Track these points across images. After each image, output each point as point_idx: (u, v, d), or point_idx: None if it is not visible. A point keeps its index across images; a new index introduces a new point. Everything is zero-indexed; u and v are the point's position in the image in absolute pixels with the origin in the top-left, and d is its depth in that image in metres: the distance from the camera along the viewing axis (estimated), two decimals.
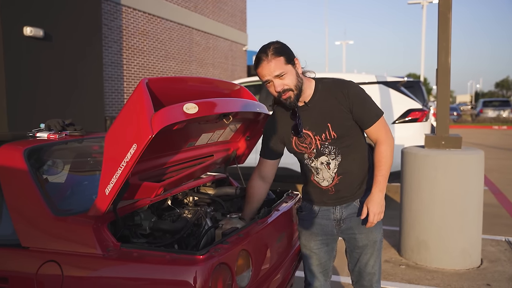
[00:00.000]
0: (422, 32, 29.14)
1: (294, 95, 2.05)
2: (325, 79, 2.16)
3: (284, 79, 2.02)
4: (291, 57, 2.03)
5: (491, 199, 6.55)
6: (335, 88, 2.09)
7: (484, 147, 13.70)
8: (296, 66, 2.05)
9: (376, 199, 2.08)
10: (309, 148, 2.15)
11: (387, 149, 2.10)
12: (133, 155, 1.72)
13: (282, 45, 2.05)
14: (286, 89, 2.03)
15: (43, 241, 1.92)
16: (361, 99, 2.09)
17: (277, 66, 2.00)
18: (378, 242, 2.24)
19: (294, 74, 2.04)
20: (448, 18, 3.95)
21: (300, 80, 2.06)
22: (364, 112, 2.09)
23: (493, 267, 3.88)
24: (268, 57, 2.01)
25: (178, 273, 1.69)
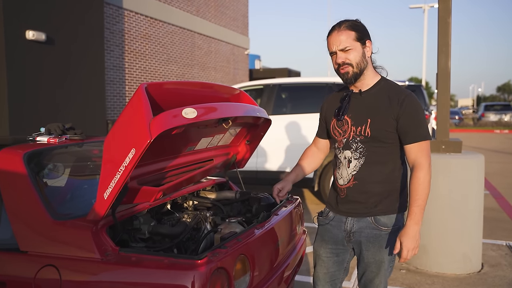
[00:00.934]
0: (424, 36, 29.18)
1: (352, 72, 1.98)
2: (392, 81, 2.08)
3: (349, 53, 1.96)
4: (364, 36, 1.98)
5: (492, 203, 6.54)
6: (394, 91, 1.99)
7: (486, 151, 13.68)
8: (365, 47, 1.99)
9: (411, 232, 1.90)
10: (342, 135, 2.08)
11: (426, 177, 1.92)
12: (132, 159, 1.73)
13: (360, 24, 1.99)
14: (346, 63, 1.98)
15: (41, 245, 1.92)
16: (413, 112, 1.96)
17: (346, 39, 1.95)
18: (385, 263, 2.07)
19: (360, 52, 1.97)
20: (448, 22, 3.95)
21: (365, 62, 1.99)
22: (411, 126, 1.95)
23: (493, 271, 3.86)
24: (341, 28, 1.97)
25: (176, 278, 1.69)
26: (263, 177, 6.29)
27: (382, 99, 1.99)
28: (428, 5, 27.52)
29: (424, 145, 1.96)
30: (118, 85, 10.94)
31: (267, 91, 6.52)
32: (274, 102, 6.41)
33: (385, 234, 2.04)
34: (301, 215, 2.86)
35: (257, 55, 23.36)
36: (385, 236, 2.04)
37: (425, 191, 1.93)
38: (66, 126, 2.69)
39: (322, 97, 6.24)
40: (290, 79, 6.84)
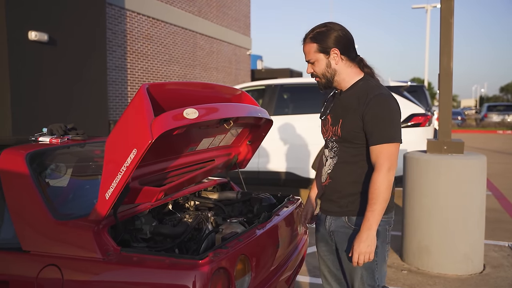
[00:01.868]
0: (426, 36, 29.12)
1: (320, 82, 2.05)
2: (375, 82, 2.05)
3: (314, 65, 2.02)
4: (327, 46, 1.96)
5: (494, 204, 6.53)
6: (365, 91, 1.97)
7: (488, 151, 13.66)
8: (330, 57, 1.98)
9: (362, 237, 1.86)
10: (325, 134, 2.13)
11: (383, 180, 1.86)
12: (133, 160, 1.74)
13: (325, 31, 1.97)
14: (314, 75, 2.05)
15: (44, 245, 1.93)
16: (379, 112, 1.91)
17: (308, 51, 2.01)
18: (359, 268, 2.00)
19: (324, 63, 2.00)
20: (450, 23, 3.95)
21: (331, 71, 2.00)
22: (374, 126, 1.90)
23: (495, 272, 3.86)
24: (305, 40, 2.02)
25: (177, 278, 1.69)
26: (265, 177, 6.29)
27: (353, 99, 1.99)
28: (431, 5, 27.47)
29: (386, 147, 1.88)
30: (120, 86, 10.96)
31: (268, 92, 6.52)
32: (276, 102, 6.42)
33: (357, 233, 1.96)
34: None
35: (259, 56, 23.38)
36: None
37: (381, 195, 1.85)
38: (68, 127, 2.70)
39: (323, 97, 6.25)
40: (292, 80, 6.84)
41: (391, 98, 1.96)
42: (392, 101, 1.95)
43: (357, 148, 2.00)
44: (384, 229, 2.01)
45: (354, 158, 2.02)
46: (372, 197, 1.87)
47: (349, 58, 2.01)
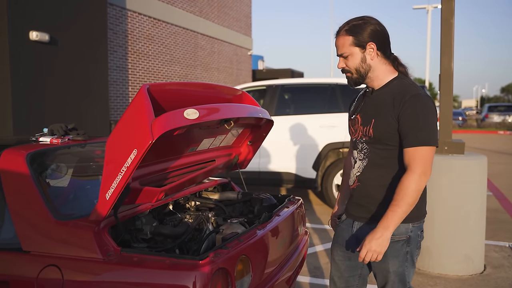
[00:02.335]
0: (427, 36, 29.10)
1: (352, 78, 1.95)
2: (408, 80, 1.95)
3: (347, 60, 1.92)
4: (363, 40, 1.87)
5: (495, 205, 6.52)
6: (402, 90, 1.87)
7: (489, 152, 13.64)
8: (366, 51, 1.89)
9: (376, 234, 1.77)
10: (353, 134, 2.04)
11: (412, 183, 1.76)
12: (134, 160, 1.74)
13: (362, 24, 1.89)
14: (345, 70, 1.95)
15: (44, 245, 1.93)
16: (415, 113, 1.81)
17: (342, 44, 1.91)
18: (392, 274, 1.93)
19: (358, 58, 1.90)
20: (451, 23, 3.95)
21: (366, 66, 1.91)
22: (409, 127, 1.81)
23: (496, 273, 3.85)
24: (340, 33, 1.92)
25: (178, 278, 1.70)
26: (266, 177, 6.29)
27: (388, 99, 1.89)
28: (432, 6, 27.43)
29: (420, 150, 1.79)
30: (121, 86, 10.96)
31: (270, 92, 6.52)
32: (277, 103, 6.42)
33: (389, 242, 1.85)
34: (303, 215, 2.87)
35: (260, 56, 23.38)
36: (389, 245, 1.85)
37: (406, 198, 1.76)
38: (68, 127, 2.70)
39: (324, 98, 6.24)
40: (293, 80, 6.84)
41: (429, 99, 1.86)
42: (430, 102, 1.85)
43: (389, 150, 1.89)
44: (416, 235, 1.93)
45: (385, 160, 1.91)
46: (397, 198, 1.78)
47: (384, 54, 1.93)
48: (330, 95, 6.21)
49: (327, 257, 4.29)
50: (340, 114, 6.03)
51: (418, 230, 1.94)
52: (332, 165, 6.04)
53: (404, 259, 1.92)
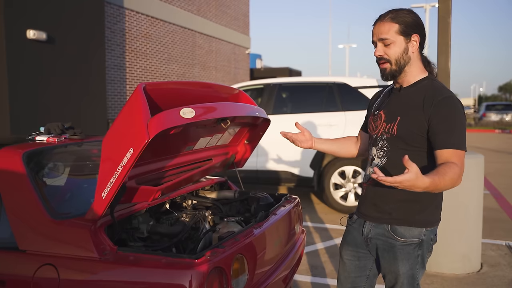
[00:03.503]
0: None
1: (389, 69, 1.86)
2: (439, 82, 1.89)
3: (389, 48, 1.84)
4: (409, 30, 1.82)
5: (492, 203, 6.54)
6: (434, 91, 1.81)
7: (487, 150, 13.67)
8: (410, 42, 1.83)
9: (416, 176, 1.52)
10: (374, 130, 1.97)
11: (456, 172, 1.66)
12: (130, 159, 1.74)
13: (410, 17, 1.83)
14: (384, 58, 1.86)
15: (40, 244, 1.93)
16: (447, 116, 1.76)
17: (387, 30, 1.82)
18: (402, 276, 1.89)
19: (402, 48, 1.83)
20: (447, 22, 3.95)
21: (407, 58, 1.84)
22: (442, 130, 1.74)
23: (493, 271, 3.87)
24: (385, 18, 1.84)
25: (174, 277, 1.70)
26: (264, 176, 6.30)
27: (418, 98, 1.82)
28: (430, 5, 27.46)
29: (456, 153, 1.72)
30: (119, 85, 10.95)
31: (267, 91, 6.52)
32: (275, 101, 6.42)
33: (401, 245, 1.86)
34: (299, 214, 2.87)
35: (258, 55, 23.37)
36: (401, 247, 1.86)
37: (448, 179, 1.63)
38: (65, 126, 2.70)
39: (322, 96, 6.25)
40: (291, 79, 6.84)
41: (460, 102, 1.80)
42: (462, 106, 1.81)
43: (411, 151, 1.80)
44: (429, 239, 1.89)
45: None
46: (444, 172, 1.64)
47: (421, 51, 1.88)
48: (328, 94, 6.22)
49: (326, 255, 4.30)
50: (337, 113, 6.04)
51: (431, 234, 1.90)
52: (329, 164, 6.05)
53: (415, 262, 1.89)
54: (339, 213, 6.00)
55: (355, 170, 5.95)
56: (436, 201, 1.88)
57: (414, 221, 1.85)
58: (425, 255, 1.92)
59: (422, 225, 1.85)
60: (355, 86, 6.14)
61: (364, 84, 6.13)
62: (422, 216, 1.85)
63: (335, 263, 4.08)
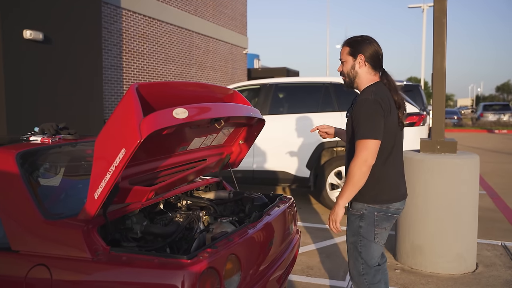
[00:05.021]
0: (423, 35, 29.17)
1: (345, 81, 2.46)
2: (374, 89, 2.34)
3: (344, 65, 2.43)
4: (356, 51, 2.36)
5: (488, 203, 6.55)
6: (361, 94, 2.35)
7: (484, 151, 13.70)
8: (357, 61, 2.36)
9: (332, 209, 2.31)
10: (348, 132, 2.42)
11: (354, 166, 2.21)
12: (122, 159, 1.73)
13: (359, 41, 2.37)
14: (342, 73, 2.46)
15: (33, 244, 1.93)
16: (356, 114, 2.27)
17: (342, 52, 2.42)
18: (348, 242, 2.45)
19: (350, 65, 2.39)
20: (443, 23, 3.96)
21: (354, 73, 2.39)
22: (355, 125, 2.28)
23: (488, 271, 3.87)
24: (344, 43, 2.43)
25: (166, 277, 1.70)
26: (260, 176, 6.30)
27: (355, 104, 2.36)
28: (427, 5, 27.51)
29: (362, 143, 2.22)
30: (116, 85, 10.94)
31: (264, 91, 6.52)
32: (271, 102, 6.41)
33: (350, 214, 2.44)
34: (294, 214, 2.87)
35: (256, 55, 23.37)
36: (349, 216, 2.45)
37: (351, 178, 2.22)
38: (59, 126, 2.70)
39: (318, 97, 6.25)
40: (287, 79, 6.84)
41: (372, 102, 2.25)
42: (372, 104, 2.24)
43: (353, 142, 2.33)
44: (371, 214, 2.35)
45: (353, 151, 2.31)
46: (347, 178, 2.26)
47: (372, 66, 2.37)
48: (324, 94, 6.21)
49: (322, 256, 4.30)
50: (334, 113, 6.04)
51: (374, 211, 2.35)
52: (326, 164, 6.05)
53: (357, 232, 2.39)
54: None
55: None
56: (378, 187, 2.34)
57: (358, 198, 2.35)
58: (370, 230, 2.36)
59: (363, 201, 2.36)
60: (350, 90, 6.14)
61: None
62: (364, 195, 2.33)
63: (331, 263, 4.08)
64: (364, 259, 2.39)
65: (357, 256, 2.41)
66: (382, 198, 2.34)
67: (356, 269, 2.43)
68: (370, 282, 2.40)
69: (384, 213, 2.35)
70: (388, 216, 2.36)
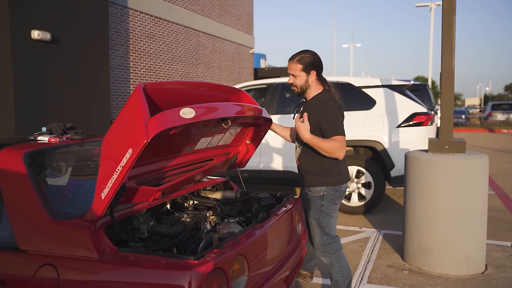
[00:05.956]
0: (430, 34, 29.02)
1: (297, 91, 2.95)
2: (328, 95, 2.91)
3: (296, 79, 2.89)
4: (308, 68, 2.85)
5: (497, 204, 6.49)
6: (320, 103, 2.85)
7: (492, 150, 13.60)
8: (309, 76, 2.87)
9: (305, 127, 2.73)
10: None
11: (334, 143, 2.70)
12: (129, 159, 1.73)
13: (310, 57, 2.86)
14: (293, 85, 2.93)
15: (40, 244, 1.93)
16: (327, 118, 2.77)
17: (295, 69, 2.87)
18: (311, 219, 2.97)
19: (304, 79, 2.89)
20: (452, 22, 3.92)
21: (307, 85, 2.90)
22: (326, 127, 2.77)
23: (498, 273, 3.83)
24: (294, 60, 2.87)
25: (173, 278, 1.69)
26: (267, 176, 6.28)
27: (313, 106, 2.86)
28: (435, 3, 27.36)
29: (337, 137, 2.73)
30: (122, 84, 10.97)
31: (270, 91, 6.50)
32: (278, 101, 6.40)
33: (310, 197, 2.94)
34: (301, 215, 2.85)
35: (262, 54, 23.36)
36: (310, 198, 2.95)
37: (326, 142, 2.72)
38: (67, 126, 2.70)
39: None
40: None
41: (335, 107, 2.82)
42: (336, 108, 2.82)
43: None
44: (330, 194, 2.90)
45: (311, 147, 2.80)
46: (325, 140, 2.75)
47: (318, 77, 2.91)
48: None
49: None
50: None
51: (331, 191, 2.90)
52: None
53: (319, 210, 2.92)
54: (342, 213, 5.98)
55: (359, 170, 5.92)
56: (332, 173, 2.90)
57: (317, 183, 2.91)
58: (329, 207, 2.92)
59: (322, 185, 2.90)
60: (359, 86, 6.11)
61: (368, 84, 6.10)
62: (323, 180, 2.90)
63: None
64: (327, 232, 2.93)
65: (321, 231, 2.93)
66: (336, 181, 2.91)
67: (321, 241, 2.94)
68: (334, 249, 2.94)
69: (338, 192, 2.92)
70: (341, 194, 2.95)
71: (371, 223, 5.53)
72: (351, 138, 5.92)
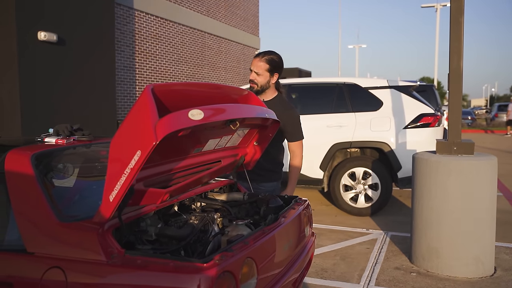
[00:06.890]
0: (436, 35, 28.89)
1: (255, 89, 3.02)
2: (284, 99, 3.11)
3: (259, 77, 2.99)
4: (274, 70, 2.98)
5: (505, 206, 6.44)
6: (285, 104, 3.05)
7: (499, 152, 13.50)
8: (272, 77, 3.00)
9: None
10: None
11: (299, 164, 3.14)
12: (137, 161, 1.71)
13: (276, 60, 2.98)
14: (254, 81, 3.01)
15: (48, 246, 1.92)
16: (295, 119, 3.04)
17: (261, 67, 2.97)
18: None
19: (266, 79, 2.99)
20: (460, 22, 3.89)
21: (267, 85, 3.02)
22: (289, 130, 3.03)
23: (507, 275, 3.79)
24: (262, 58, 2.97)
25: (182, 281, 1.67)
26: None
27: (273, 108, 2.80)
28: (441, 4, 27.24)
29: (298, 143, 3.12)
30: (128, 85, 10.98)
31: None
32: None
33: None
34: (309, 217, 2.83)
35: None
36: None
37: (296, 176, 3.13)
38: (74, 127, 2.69)
39: (332, 97, 6.20)
40: (300, 79, 6.80)
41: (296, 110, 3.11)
42: (297, 112, 3.11)
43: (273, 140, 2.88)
44: (279, 187, 3.25)
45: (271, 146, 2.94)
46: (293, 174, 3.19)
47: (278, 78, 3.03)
48: (338, 94, 6.16)
49: (336, 258, 4.26)
50: (347, 114, 5.99)
51: (279, 184, 3.25)
52: (340, 165, 6.00)
53: None
54: (349, 215, 5.95)
55: (365, 171, 5.89)
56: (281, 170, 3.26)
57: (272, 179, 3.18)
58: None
59: (275, 180, 3.21)
60: (365, 87, 6.08)
61: (374, 85, 6.07)
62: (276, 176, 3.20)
63: (345, 266, 4.03)
64: None
65: None
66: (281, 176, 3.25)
67: None
68: None
69: (280, 185, 3.27)
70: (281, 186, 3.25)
71: (378, 224, 5.50)
72: (358, 139, 5.89)
